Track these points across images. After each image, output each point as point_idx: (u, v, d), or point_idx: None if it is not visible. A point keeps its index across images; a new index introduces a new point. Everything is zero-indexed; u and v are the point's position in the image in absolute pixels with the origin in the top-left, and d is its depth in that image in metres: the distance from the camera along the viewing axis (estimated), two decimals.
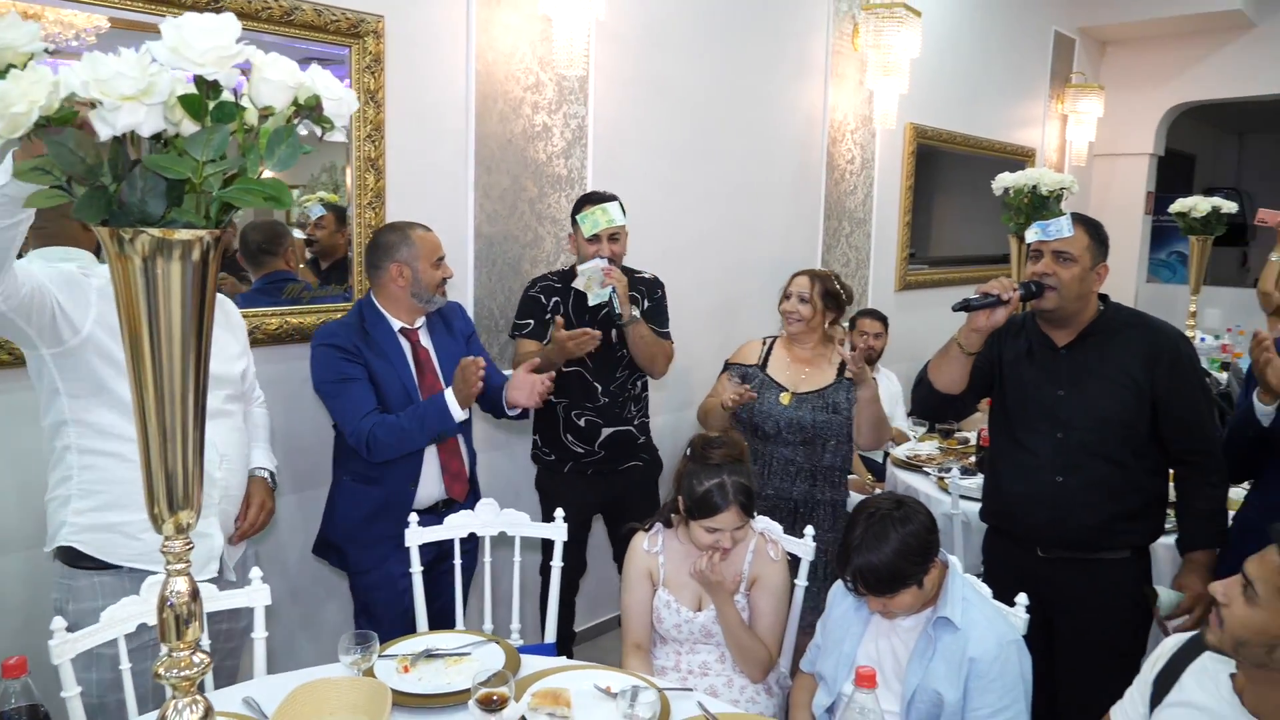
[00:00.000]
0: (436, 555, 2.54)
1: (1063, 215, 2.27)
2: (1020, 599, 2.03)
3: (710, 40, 3.97)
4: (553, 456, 3.09)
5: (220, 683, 2.06)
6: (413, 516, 2.40)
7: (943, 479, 3.31)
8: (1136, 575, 2.32)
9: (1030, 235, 2.30)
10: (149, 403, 1.09)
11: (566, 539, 2.51)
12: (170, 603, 1.16)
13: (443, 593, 2.58)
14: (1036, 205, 4.06)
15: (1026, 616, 2.01)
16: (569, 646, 3.31)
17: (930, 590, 1.91)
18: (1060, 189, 4.07)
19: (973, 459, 3.56)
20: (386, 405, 2.46)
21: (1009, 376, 2.41)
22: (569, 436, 3.04)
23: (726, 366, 3.06)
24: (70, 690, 1.75)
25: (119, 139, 0.99)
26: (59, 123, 0.99)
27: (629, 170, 3.64)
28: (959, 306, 2.26)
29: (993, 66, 5.98)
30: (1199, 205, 4.79)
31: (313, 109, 1.11)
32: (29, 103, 0.96)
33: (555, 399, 3.04)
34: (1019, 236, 4.15)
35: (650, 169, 3.77)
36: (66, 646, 1.75)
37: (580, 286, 2.85)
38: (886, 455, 3.76)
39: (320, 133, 1.15)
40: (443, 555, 2.55)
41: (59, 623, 1.75)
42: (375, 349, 2.49)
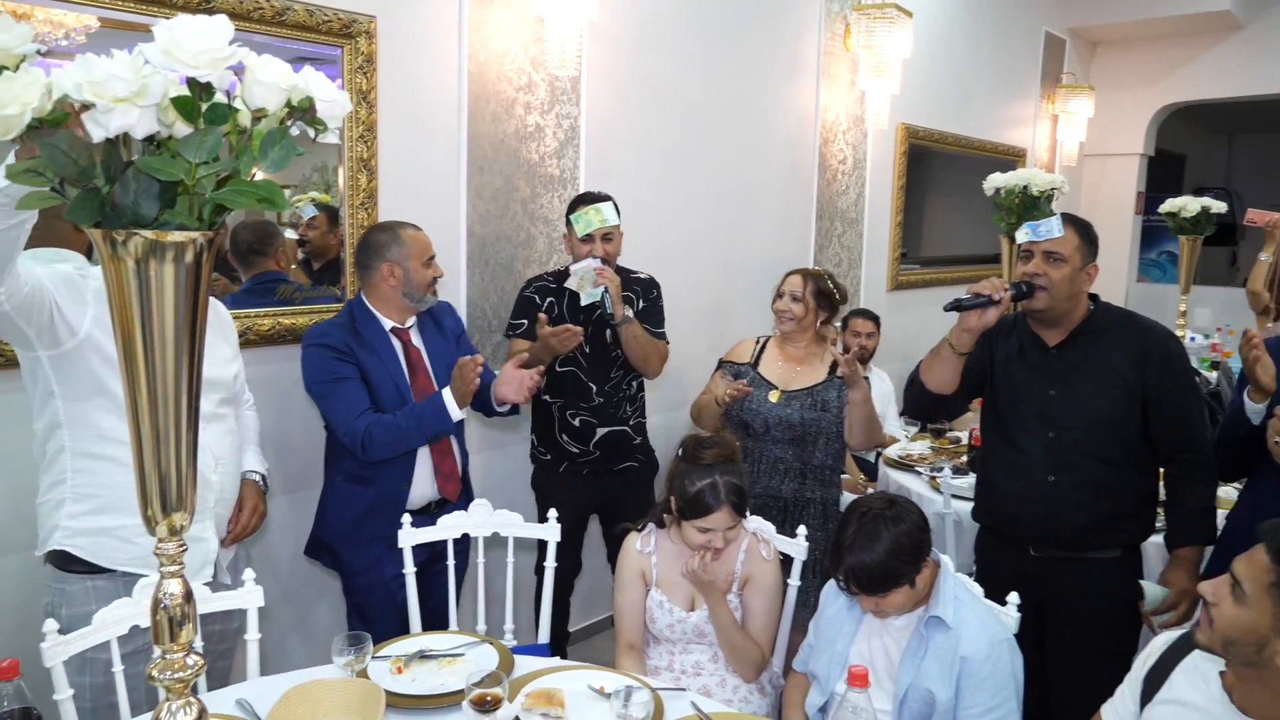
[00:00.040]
0: (429, 556, 2.53)
1: (1053, 216, 2.28)
2: (1012, 598, 2.04)
3: (702, 41, 3.98)
4: (549, 456, 3.09)
5: (212, 684, 2.06)
6: (406, 517, 2.40)
7: (935, 478, 3.33)
8: (1127, 574, 2.33)
9: (1021, 236, 2.31)
10: (142, 405, 1.09)
11: (560, 540, 2.51)
12: (164, 605, 1.16)
13: (435, 593, 2.58)
14: (1027, 205, 4.07)
15: (1018, 615, 2.02)
16: (563, 646, 3.31)
17: (922, 589, 1.92)
18: (1051, 189, 4.08)
19: (964, 458, 3.57)
20: (379, 405, 2.45)
21: (1000, 376, 2.42)
22: (564, 436, 3.04)
23: (720, 365, 3.06)
24: (63, 693, 1.74)
25: (112, 141, 0.99)
26: (51, 125, 0.99)
27: (621, 170, 3.64)
28: (950, 307, 2.27)
29: (984, 67, 6.00)
30: (1189, 205, 4.81)
31: (306, 111, 1.11)
32: (22, 105, 0.96)
33: (550, 399, 3.04)
34: (1010, 236, 4.16)
35: (643, 169, 3.77)
36: (58, 649, 1.74)
37: (573, 286, 2.85)
38: (879, 455, 3.77)
39: (313, 134, 1.15)
40: (435, 556, 2.54)
41: (51, 625, 1.74)
42: (367, 348, 2.47)
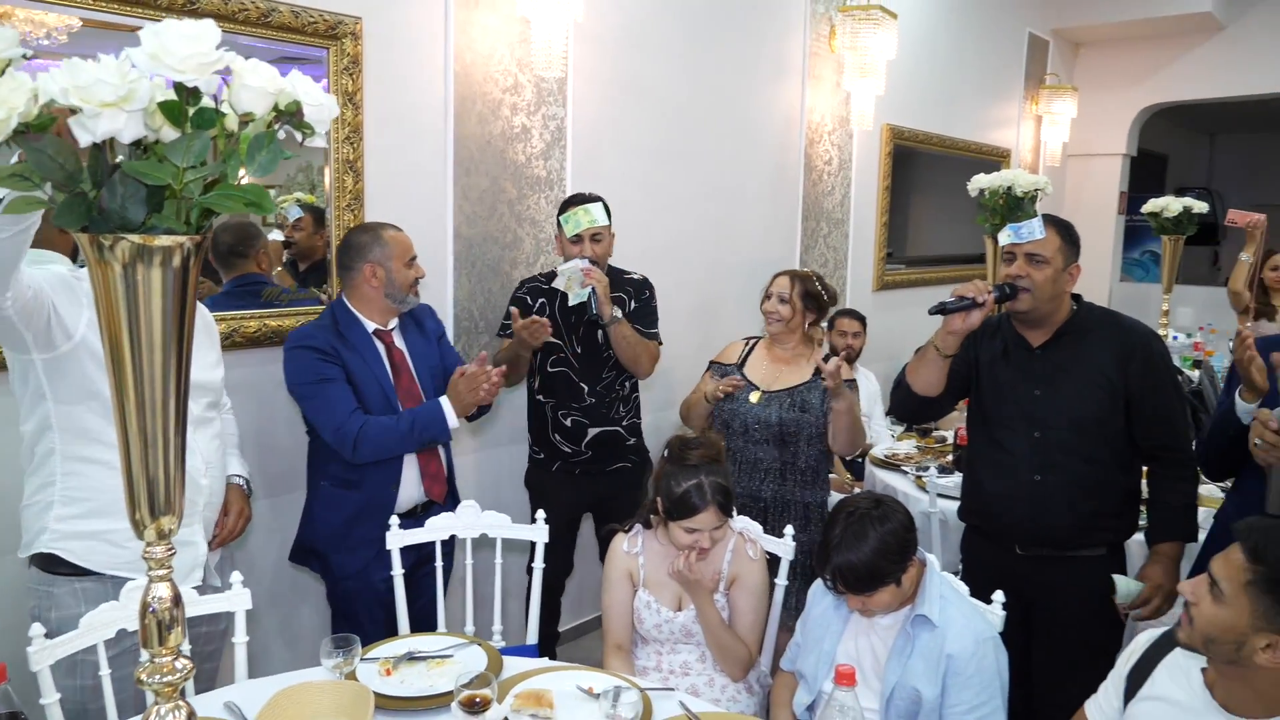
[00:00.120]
0: (416, 559, 2.52)
1: (1034, 217, 2.30)
2: (997, 596, 2.05)
3: (688, 42, 3.98)
4: (542, 455, 3.10)
5: (199, 686, 2.04)
6: (394, 519, 2.39)
7: (920, 478, 3.35)
8: (1111, 571, 2.34)
9: (1003, 238, 2.33)
10: (130, 409, 1.09)
11: (548, 540, 2.51)
12: (152, 609, 1.16)
13: (422, 595, 2.58)
14: (1011, 206, 4.10)
15: (1003, 614, 2.04)
16: (553, 646, 3.31)
17: (908, 588, 1.93)
18: (1034, 190, 4.11)
19: (950, 458, 3.59)
20: (365, 407, 2.43)
21: (985, 377, 2.44)
22: (557, 436, 3.05)
23: (710, 366, 3.07)
24: (49, 697, 1.74)
25: (98, 145, 0.99)
26: (38, 129, 0.99)
27: (608, 171, 3.65)
28: (935, 310, 2.29)
29: (968, 68, 6.03)
30: (1171, 205, 4.84)
31: (293, 115, 1.11)
32: (8, 109, 0.95)
33: (543, 398, 3.05)
34: (994, 237, 4.19)
35: (629, 170, 3.77)
36: (45, 653, 1.74)
37: (560, 287, 2.85)
38: (865, 454, 3.79)
39: (300, 138, 1.16)
40: (423, 558, 2.54)
41: (37, 629, 1.74)
42: (352, 350, 2.46)
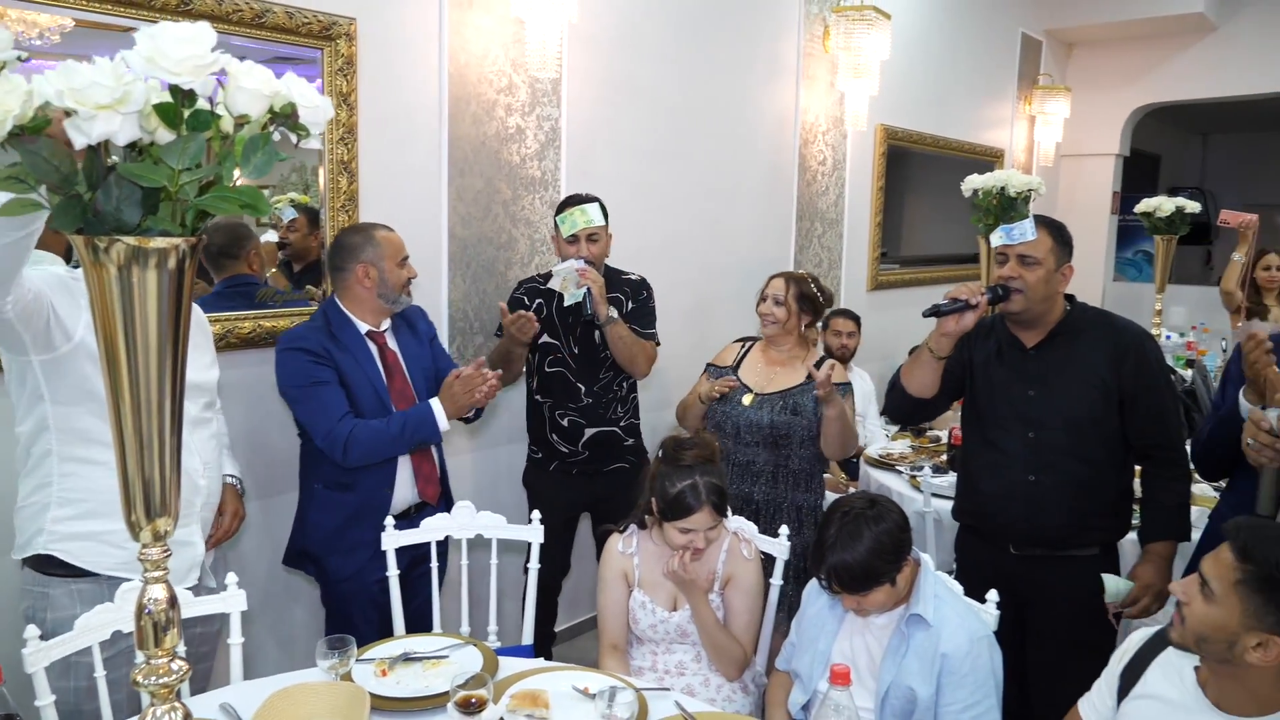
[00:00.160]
0: (411, 560, 2.52)
1: (1026, 219, 2.30)
2: (991, 595, 2.06)
3: (682, 43, 3.99)
4: (540, 455, 3.11)
5: (193, 687, 2.04)
6: (389, 520, 2.39)
7: (915, 477, 3.35)
8: (1105, 570, 2.35)
9: (995, 240, 2.34)
10: (125, 410, 1.09)
11: (546, 540, 2.51)
12: (148, 610, 1.16)
13: (417, 596, 2.58)
14: (1005, 206, 4.11)
15: (997, 613, 2.04)
16: (549, 647, 3.31)
17: (903, 588, 1.93)
18: (1028, 190, 4.12)
19: (944, 457, 3.61)
20: (358, 409, 2.43)
21: (980, 378, 2.44)
22: (554, 436, 3.06)
23: (707, 368, 3.08)
24: (44, 699, 1.74)
25: (94, 147, 0.99)
26: (33, 132, 0.99)
27: (602, 172, 3.65)
28: (929, 313, 2.30)
29: (961, 68, 6.05)
30: (1163, 205, 4.85)
31: (288, 117, 1.11)
32: (3, 112, 0.95)
33: (541, 398, 3.06)
34: (988, 237, 4.20)
35: (624, 171, 3.78)
36: (40, 655, 1.73)
37: (556, 287, 2.85)
38: (860, 454, 3.79)
39: (296, 140, 1.16)
40: (417, 560, 2.54)
41: (32, 631, 1.73)
42: (345, 352, 2.45)
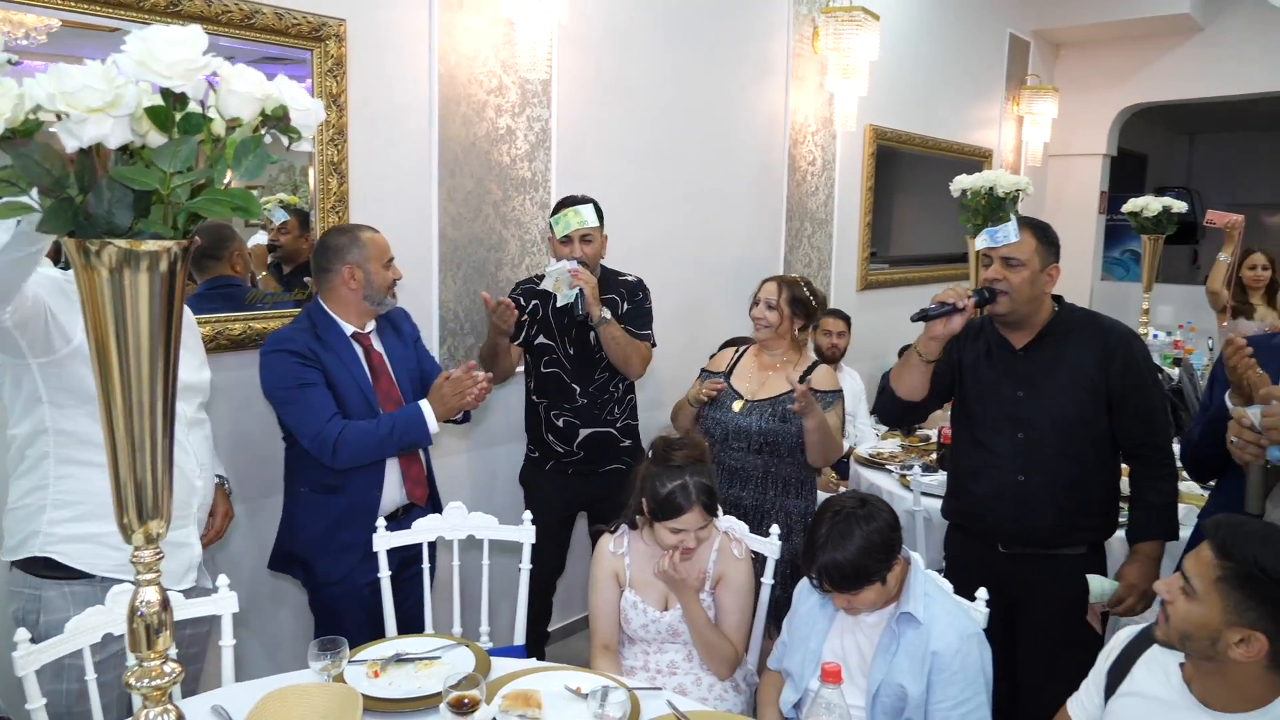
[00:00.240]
0: (400, 562, 2.52)
1: (1010, 221, 2.31)
2: (981, 593, 2.07)
3: (672, 43, 3.99)
4: (536, 454, 3.12)
5: (184, 689, 2.04)
6: (380, 522, 2.39)
7: (905, 476, 3.37)
8: (1093, 570, 2.37)
9: (979, 242, 2.35)
10: (118, 413, 1.09)
11: (540, 540, 2.51)
12: (140, 613, 1.16)
13: (408, 598, 2.57)
14: (993, 206, 4.13)
15: (987, 611, 2.06)
16: (542, 647, 3.31)
17: (893, 586, 1.95)
18: (1016, 190, 4.14)
19: (934, 456, 3.62)
20: (345, 411, 2.41)
21: (969, 379, 2.46)
22: (550, 436, 3.06)
23: (701, 373, 3.08)
24: (35, 702, 1.73)
25: (85, 150, 0.99)
26: (24, 135, 0.99)
27: (593, 173, 3.65)
28: (917, 317, 2.31)
29: (950, 69, 6.06)
30: (1150, 205, 4.87)
31: (280, 120, 1.11)
32: None
33: (537, 398, 3.06)
34: (976, 237, 4.22)
35: (614, 171, 3.78)
36: (30, 658, 1.73)
37: (548, 287, 2.85)
38: (850, 453, 3.81)
39: (287, 142, 1.16)
40: (407, 562, 2.53)
41: (22, 634, 1.73)
42: (331, 353, 2.44)
